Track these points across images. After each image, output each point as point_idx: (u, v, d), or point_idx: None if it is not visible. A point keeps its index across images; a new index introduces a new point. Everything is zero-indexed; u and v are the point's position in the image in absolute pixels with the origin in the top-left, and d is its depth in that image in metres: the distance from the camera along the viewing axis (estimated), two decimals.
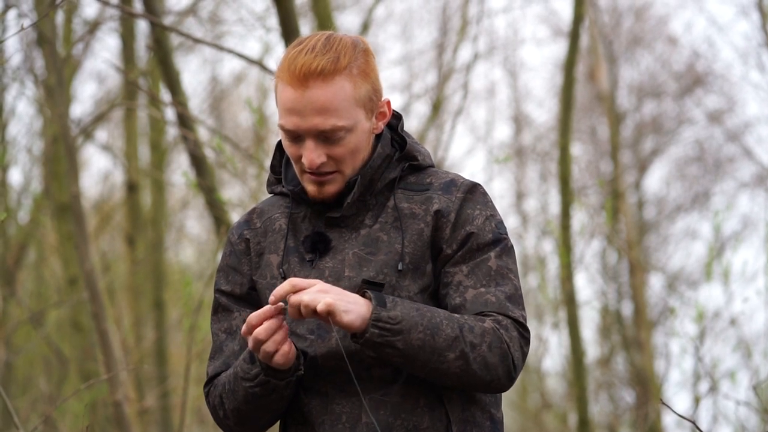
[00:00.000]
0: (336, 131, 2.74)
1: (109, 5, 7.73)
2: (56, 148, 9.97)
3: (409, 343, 2.65)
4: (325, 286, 2.64)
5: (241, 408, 2.80)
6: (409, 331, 2.65)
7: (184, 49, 12.45)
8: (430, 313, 2.68)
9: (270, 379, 2.73)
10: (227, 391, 2.81)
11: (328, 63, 2.71)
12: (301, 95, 2.72)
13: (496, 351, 2.70)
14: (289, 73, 2.72)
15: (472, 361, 2.68)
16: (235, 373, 2.79)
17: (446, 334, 2.67)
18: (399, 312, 2.65)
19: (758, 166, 14.97)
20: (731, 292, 10.59)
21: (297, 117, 2.73)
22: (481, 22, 12.10)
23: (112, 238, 14.40)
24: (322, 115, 2.72)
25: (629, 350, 14.43)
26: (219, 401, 2.84)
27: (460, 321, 2.69)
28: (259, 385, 2.74)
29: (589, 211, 13.45)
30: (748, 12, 12.53)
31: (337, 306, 2.61)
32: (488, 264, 2.77)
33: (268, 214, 2.92)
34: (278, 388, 2.75)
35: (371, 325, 2.63)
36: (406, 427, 2.75)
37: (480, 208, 2.81)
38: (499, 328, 2.71)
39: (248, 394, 2.76)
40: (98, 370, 9.54)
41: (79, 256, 6.81)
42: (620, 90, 15.80)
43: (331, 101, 2.72)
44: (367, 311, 2.64)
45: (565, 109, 9.03)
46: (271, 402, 2.78)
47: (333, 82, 2.72)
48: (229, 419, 2.84)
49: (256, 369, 2.73)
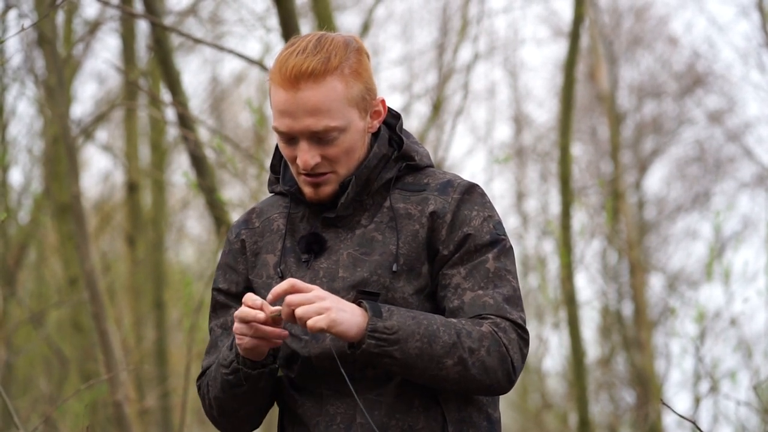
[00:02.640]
0: (329, 132, 2.74)
1: (110, 5, 7.73)
2: (57, 148, 9.97)
3: (406, 352, 2.64)
4: (322, 293, 2.63)
5: (219, 396, 2.81)
6: (406, 340, 2.64)
7: (184, 49, 12.45)
8: (426, 320, 2.67)
9: (241, 367, 2.73)
10: (211, 378, 2.83)
11: (318, 63, 2.71)
12: (292, 97, 2.72)
13: (495, 355, 2.69)
14: (281, 75, 2.72)
15: (470, 366, 2.67)
16: (218, 360, 2.81)
17: (443, 341, 2.66)
18: (395, 321, 2.64)
19: (758, 166, 14.97)
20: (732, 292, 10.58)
21: (290, 119, 2.74)
22: (481, 22, 12.11)
23: (112, 239, 14.40)
24: (315, 116, 2.72)
25: (629, 350, 14.42)
26: (206, 390, 2.86)
27: (457, 326, 2.68)
28: (232, 372, 2.75)
29: (590, 211, 13.46)
30: (748, 12, 12.53)
31: (333, 320, 2.61)
32: (486, 266, 2.76)
33: (267, 214, 2.92)
34: (250, 377, 2.75)
35: (368, 336, 2.63)
36: (401, 427, 2.74)
37: (477, 209, 2.81)
38: (498, 331, 2.70)
39: (224, 381, 2.78)
40: (99, 370, 9.55)
41: (80, 257, 6.81)
42: (620, 90, 15.80)
43: (323, 102, 2.72)
44: (363, 321, 2.63)
45: (566, 110, 9.02)
46: (244, 393, 2.77)
47: (324, 83, 2.72)
48: (213, 409, 2.85)
49: (232, 356, 2.75)
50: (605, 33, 15.12)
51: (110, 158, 13.69)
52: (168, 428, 10.93)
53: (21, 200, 11.50)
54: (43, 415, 10.28)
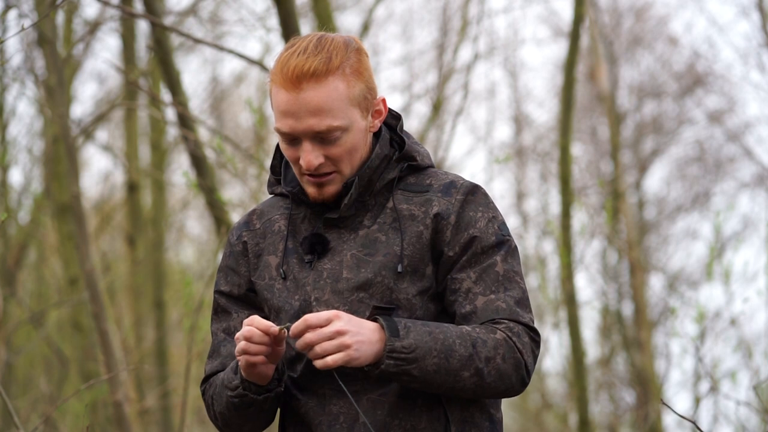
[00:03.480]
0: (332, 131, 2.74)
1: (110, 5, 7.73)
2: (57, 148, 9.97)
3: (424, 369, 2.65)
4: (342, 326, 2.60)
5: (224, 413, 2.83)
6: (423, 358, 2.65)
7: (184, 49, 12.45)
8: (442, 334, 2.68)
9: (247, 393, 2.74)
10: (216, 394, 2.84)
11: (320, 64, 2.71)
12: (295, 97, 2.72)
13: (510, 361, 2.71)
14: (282, 76, 2.72)
15: (486, 375, 2.69)
16: (222, 379, 2.82)
17: (460, 354, 2.67)
18: (413, 339, 2.65)
19: (758, 166, 14.97)
20: (732, 292, 10.60)
21: (292, 119, 2.73)
22: (481, 22, 12.09)
23: (112, 239, 14.40)
24: (317, 116, 2.72)
25: (629, 350, 14.42)
26: (211, 401, 2.87)
27: (472, 336, 2.69)
28: (237, 396, 2.76)
29: (590, 211, 13.45)
30: (748, 12, 12.53)
31: (351, 357, 2.60)
32: (495, 269, 2.77)
33: (268, 215, 2.92)
34: (256, 402, 2.76)
35: (386, 357, 2.63)
36: (403, 427, 2.75)
37: (482, 210, 2.81)
38: (512, 336, 2.72)
39: (229, 402, 2.79)
40: (99, 370, 9.55)
41: (80, 257, 6.81)
42: (620, 90, 15.80)
43: (325, 102, 2.72)
44: (380, 341, 2.64)
45: (566, 110, 9.02)
46: (249, 414, 2.79)
47: (326, 83, 2.72)
48: (218, 420, 2.87)
49: (237, 381, 2.75)
50: (605, 33, 15.11)
51: (110, 158, 13.69)
52: (168, 428, 10.93)
53: (21, 200, 11.50)
54: (43, 415, 10.28)
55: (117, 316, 10.92)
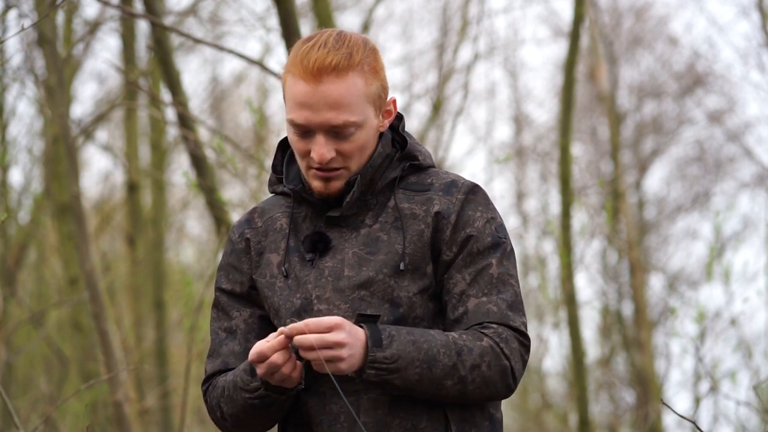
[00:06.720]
0: (347, 127, 2.75)
1: (110, 5, 7.73)
2: (57, 148, 9.97)
3: (406, 379, 2.67)
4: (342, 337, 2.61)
5: (239, 415, 2.81)
6: (405, 368, 2.66)
7: (184, 49, 12.45)
8: (427, 344, 2.68)
9: (270, 393, 2.74)
10: (226, 397, 2.82)
11: (342, 58, 2.72)
12: (314, 89, 2.72)
13: (496, 369, 2.72)
14: (302, 68, 2.72)
15: (469, 383, 2.70)
16: (234, 381, 2.80)
17: (443, 364, 2.68)
18: (395, 350, 2.66)
19: (758, 166, 14.97)
20: (732, 292, 10.60)
21: (309, 111, 2.73)
22: (481, 22, 12.08)
23: (112, 239, 14.40)
24: (335, 110, 2.72)
25: (629, 350, 14.42)
26: (217, 403, 2.85)
27: (458, 344, 2.70)
28: (258, 398, 2.75)
29: (590, 211, 13.45)
30: (748, 12, 12.52)
31: (339, 369, 2.63)
32: (489, 271, 2.77)
33: (269, 213, 2.92)
34: (278, 401, 2.76)
35: (368, 367, 2.65)
36: (404, 426, 2.75)
37: (481, 210, 2.81)
38: (500, 343, 2.72)
39: (247, 404, 2.78)
40: (99, 370, 9.55)
41: (80, 257, 6.81)
42: (620, 90, 15.80)
43: (344, 96, 2.72)
44: (363, 350, 2.65)
45: (566, 110, 9.02)
46: (270, 412, 2.79)
47: (346, 78, 2.72)
48: (227, 422, 2.85)
49: (256, 383, 2.74)
50: (605, 33, 15.11)
51: (110, 158, 13.69)
52: (168, 428, 10.93)
53: (21, 200, 11.50)
54: (43, 415, 10.28)
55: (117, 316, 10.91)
